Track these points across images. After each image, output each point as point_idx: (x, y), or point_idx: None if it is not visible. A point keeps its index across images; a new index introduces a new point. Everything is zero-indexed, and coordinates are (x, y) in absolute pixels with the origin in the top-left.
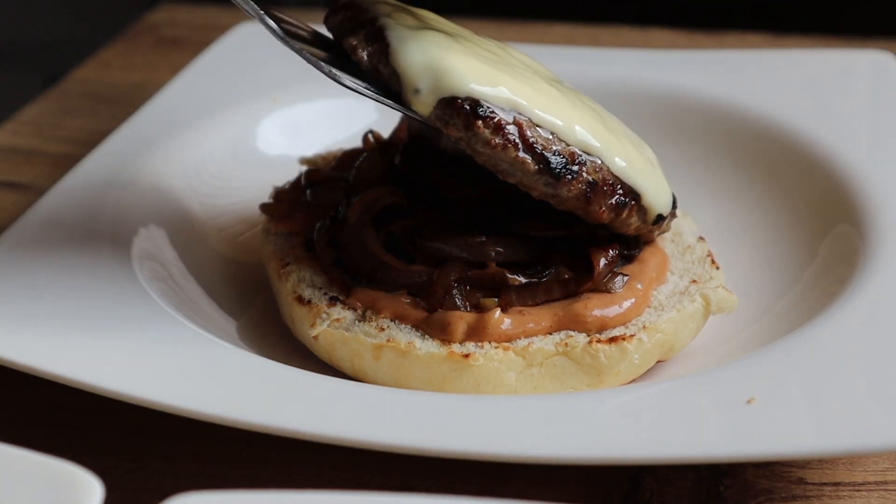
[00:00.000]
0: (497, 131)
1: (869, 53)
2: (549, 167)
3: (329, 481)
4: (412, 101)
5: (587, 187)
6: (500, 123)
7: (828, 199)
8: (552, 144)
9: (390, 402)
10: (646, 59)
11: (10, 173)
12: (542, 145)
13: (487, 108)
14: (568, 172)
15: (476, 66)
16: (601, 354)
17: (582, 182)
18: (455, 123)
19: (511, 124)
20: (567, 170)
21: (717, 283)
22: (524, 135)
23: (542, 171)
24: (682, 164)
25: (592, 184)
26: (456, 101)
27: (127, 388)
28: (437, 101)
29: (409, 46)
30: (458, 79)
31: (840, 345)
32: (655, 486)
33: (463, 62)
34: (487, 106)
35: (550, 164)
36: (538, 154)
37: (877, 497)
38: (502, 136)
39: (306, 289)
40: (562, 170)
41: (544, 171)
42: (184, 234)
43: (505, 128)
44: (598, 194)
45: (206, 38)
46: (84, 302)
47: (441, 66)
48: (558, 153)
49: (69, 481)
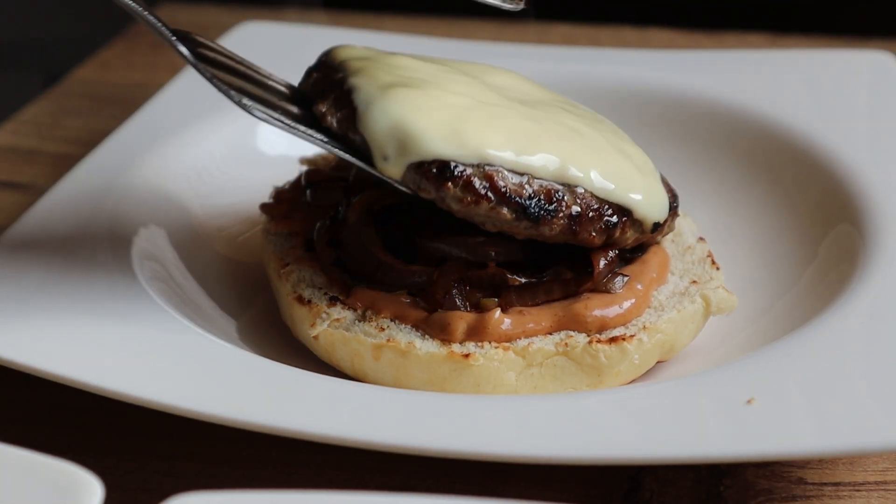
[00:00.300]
0: (467, 189)
1: (869, 53)
2: (526, 213)
3: (329, 481)
4: (382, 167)
5: (570, 221)
6: (469, 180)
7: (828, 199)
8: (526, 188)
9: (390, 402)
10: (646, 59)
11: (10, 173)
12: (515, 192)
13: (455, 167)
14: (546, 213)
15: (442, 123)
16: (601, 354)
17: (563, 217)
18: (426, 187)
19: (481, 178)
20: (545, 210)
21: (717, 284)
22: (495, 186)
23: (519, 218)
24: (682, 164)
25: (575, 216)
26: (423, 166)
27: (127, 388)
28: (406, 166)
29: (374, 112)
30: (423, 143)
31: (840, 345)
32: (655, 486)
33: (428, 122)
34: (455, 165)
35: (527, 209)
36: (512, 203)
37: (877, 497)
38: (473, 192)
39: (306, 289)
40: (539, 212)
41: (521, 217)
42: (184, 234)
43: (474, 183)
44: (584, 223)
45: (206, 38)
46: (84, 302)
47: (406, 131)
48: (533, 195)
49: (69, 481)
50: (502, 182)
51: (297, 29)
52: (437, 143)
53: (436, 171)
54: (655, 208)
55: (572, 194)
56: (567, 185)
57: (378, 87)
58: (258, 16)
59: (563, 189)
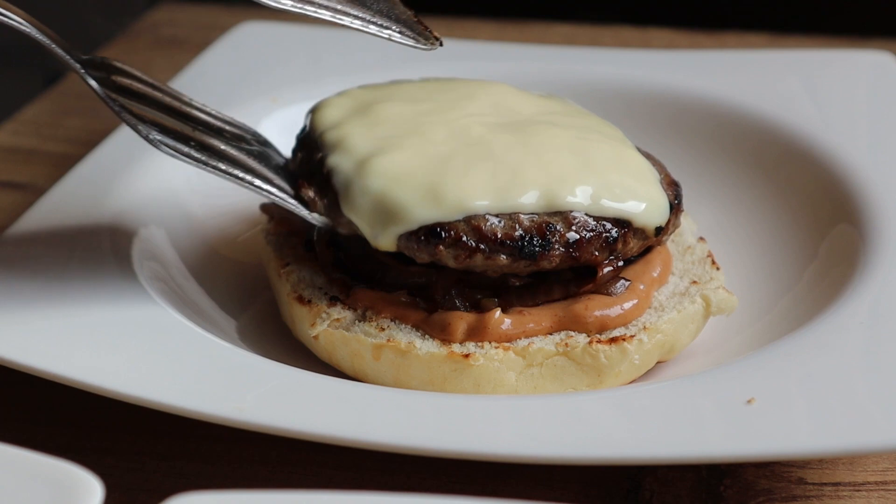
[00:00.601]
0: (458, 246)
1: (869, 53)
2: (522, 253)
3: (329, 481)
4: (375, 244)
5: (568, 248)
6: (458, 238)
7: (828, 199)
8: (516, 229)
9: (390, 402)
10: (646, 59)
11: (10, 173)
12: (506, 237)
13: (441, 230)
14: (542, 248)
15: (421, 187)
16: (601, 355)
17: (560, 246)
18: (420, 254)
19: (469, 232)
20: (540, 246)
21: (717, 284)
22: (485, 236)
23: (516, 260)
24: (681, 164)
25: (573, 242)
26: (412, 236)
27: (127, 388)
28: (396, 238)
29: (354, 195)
30: (406, 214)
31: (840, 345)
32: (655, 486)
33: (407, 191)
34: (441, 228)
35: (522, 250)
36: (506, 248)
37: (877, 497)
38: (464, 248)
39: (306, 289)
40: (535, 249)
41: (518, 258)
42: (184, 234)
43: (463, 239)
44: (583, 247)
45: (206, 38)
46: (84, 302)
47: (387, 206)
48: (524, 235)
49: (69, 481)
50: (491, 230)
51: (297, 29)
52: (420, 210)
53: (424, 239)
54: (655, 213)
55: (566, 221)
56: (559, 213)
57: (355, 162)
58: (258, 16)
59: (556, 218)
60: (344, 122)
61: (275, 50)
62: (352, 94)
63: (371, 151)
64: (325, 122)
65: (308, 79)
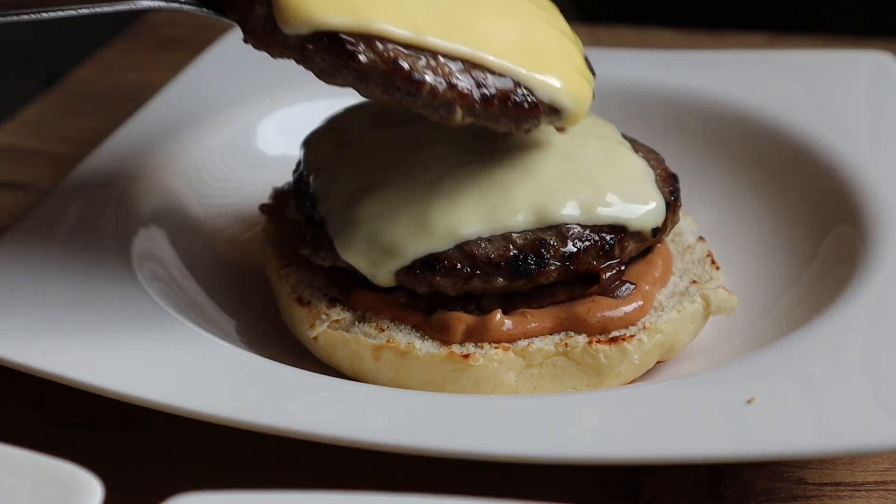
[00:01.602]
0: (453, 274)
1: (869, 53)
2: (518, 272)
3: (329, 481)
4: (376, 282)
5: (564, 261)
6: (453, 266)
7: (828, 199)
8: (510, 249)
9: (390, 402)
10: (646, 59)
11: (10, 173)
12: (500, 258)
13: (435, 261)
14: (538, 265)
15: (409, 221)
16: (601, 355)
17: (556, 260)
18: (418, 287)
19: (462, 259)
20: (535, 264)
21: (717, 284)
22: (479, 261)
23: (514, 279)
24: (681, 164)
25: (570, 255)
26: (409, 270)
27: (127, 388)
28: (394, 274)
29: (346, 240)
30: (399, 250)
31: (840, 345)
32: (655, 486)
33: (396, 226)
34: (435, 258)
35: (517, 269)
36: (502, 270)
37: (877, 497)
38: (460, 275)
39: (306, 290)
40: (531, 266)
41: (516, 278)
42: (184, 234)
43: (458, 267)
44: (579, 257)
45: (206, 38)
46: (84, 302)
47: (379, 245)
48: (519, 254)
49: (69, 481)
50: (484, 254)
51: None
52: (411, 244)
53: (419, 272)
54: (651, 215)
55: (559, 235)
56: (552, 227)
57: (343, 207)
58: None
59: (549, 233)
60: (329, 159)
61: None
62: (337, 120)
63: (356, 191)
64: (312, 162)
65: (308, 79)
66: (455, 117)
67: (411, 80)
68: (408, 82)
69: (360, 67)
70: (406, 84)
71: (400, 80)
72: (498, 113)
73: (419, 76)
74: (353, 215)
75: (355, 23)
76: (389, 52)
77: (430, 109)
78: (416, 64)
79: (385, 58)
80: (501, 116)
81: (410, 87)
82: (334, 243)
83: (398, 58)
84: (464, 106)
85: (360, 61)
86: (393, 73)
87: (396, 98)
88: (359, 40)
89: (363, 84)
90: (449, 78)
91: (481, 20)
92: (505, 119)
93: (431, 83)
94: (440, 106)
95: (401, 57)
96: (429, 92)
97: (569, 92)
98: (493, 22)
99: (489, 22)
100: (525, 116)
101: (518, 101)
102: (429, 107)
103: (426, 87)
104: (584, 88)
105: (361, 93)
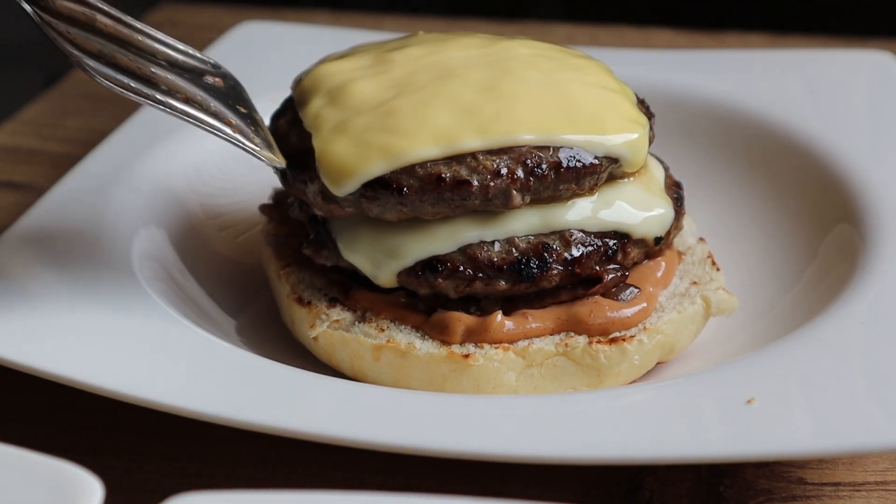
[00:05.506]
0: (456, 277)
1: (869, 53)
2: (520, 276)
3: (329, 481)
4: (378, 283)
5: (567, 265)
6: (455, 268)
7: (828, 199)
8: (513, 252)
9: (390, 402)
10: (646, 59)
11: (10, 173)
12: (502, 261)
13: (437, 263)
14: (541, 269)
15: (410, 225)
16: (601, 355)
17: (559, 264)
18: (420, 288)
19: (465, 262)
20: (538, 268)
21: (717, 285)
22: (482, 264)
23: (516, 283)
24: (681, 164)
25: (571, 259)
26: (411, 272)
27: (127, 388)
28: (396, 275)
29: (348, 241)
30: (401, 251)
31: (840, 345)
32: (655, 486)
33: (400, 228)
34: (437, 261)
35: (520, 273)
36: (504, 273)
37: (877, 497)
38: (463, 278)
39: (306, 290)
40: (534, 270)
41: (518, 282)
42: (184, 234)
43: (461, 270)
44: (583, 262)
45: (206, 38)
46: (84, 302)
47: (385, 249)
48: (521, 258)
49: (69, 481)
50: (487, 257)
51: (297, 29)
52: (413, 246)
53: (421, 274)
54: (655, 223)
55: (562, 240)
56: (555, 232)
57: None
58: (258, 16)
59: (552, 237)
60: None
61: (275, 50)
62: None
63: None
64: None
65: None
66: (514, 202)
67: (458, 187)
68: (455, 190)
69: (410, 197)
70: (455, 192)
71: (448, 192)
72: (554, 182)
73: (463, 179)
74: (358, 221)
75: (392, 162)
76: (430, 171)
77: (489, 203)
78: (459, 171)
79: (428, 178)
80: (559, 183)
81: (460, 192)
82: (337, 243)
83: (440, 173)
84: (518, 189)
85: (406, 193)
86: (439, 188)
87: (454, 206)
88: (401, 174)
89: (419, 207)
90: (495, 170)
91: (514, 103)
92: (564, 184)
93: (478, 182)
94: (495, 197)
95: (442, 171)
96: (479, 190)
97: (619, 141)
98: (527, 100)
99: (522, 102)
100: (582, 176)
101: (570, 166)
102: (486, 202)
103: (474, 188)
104: (634, 133)
105: (426, 216)
